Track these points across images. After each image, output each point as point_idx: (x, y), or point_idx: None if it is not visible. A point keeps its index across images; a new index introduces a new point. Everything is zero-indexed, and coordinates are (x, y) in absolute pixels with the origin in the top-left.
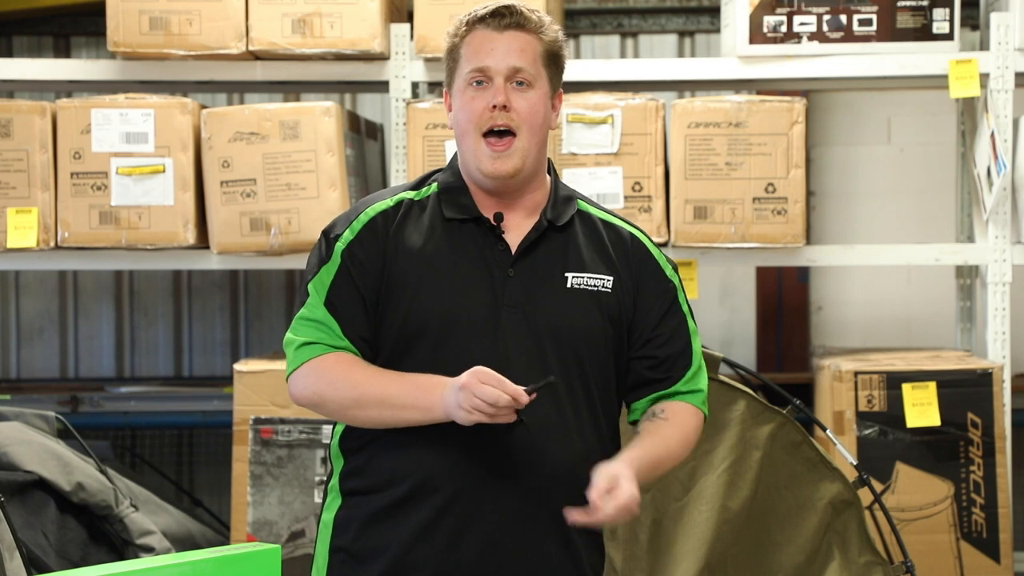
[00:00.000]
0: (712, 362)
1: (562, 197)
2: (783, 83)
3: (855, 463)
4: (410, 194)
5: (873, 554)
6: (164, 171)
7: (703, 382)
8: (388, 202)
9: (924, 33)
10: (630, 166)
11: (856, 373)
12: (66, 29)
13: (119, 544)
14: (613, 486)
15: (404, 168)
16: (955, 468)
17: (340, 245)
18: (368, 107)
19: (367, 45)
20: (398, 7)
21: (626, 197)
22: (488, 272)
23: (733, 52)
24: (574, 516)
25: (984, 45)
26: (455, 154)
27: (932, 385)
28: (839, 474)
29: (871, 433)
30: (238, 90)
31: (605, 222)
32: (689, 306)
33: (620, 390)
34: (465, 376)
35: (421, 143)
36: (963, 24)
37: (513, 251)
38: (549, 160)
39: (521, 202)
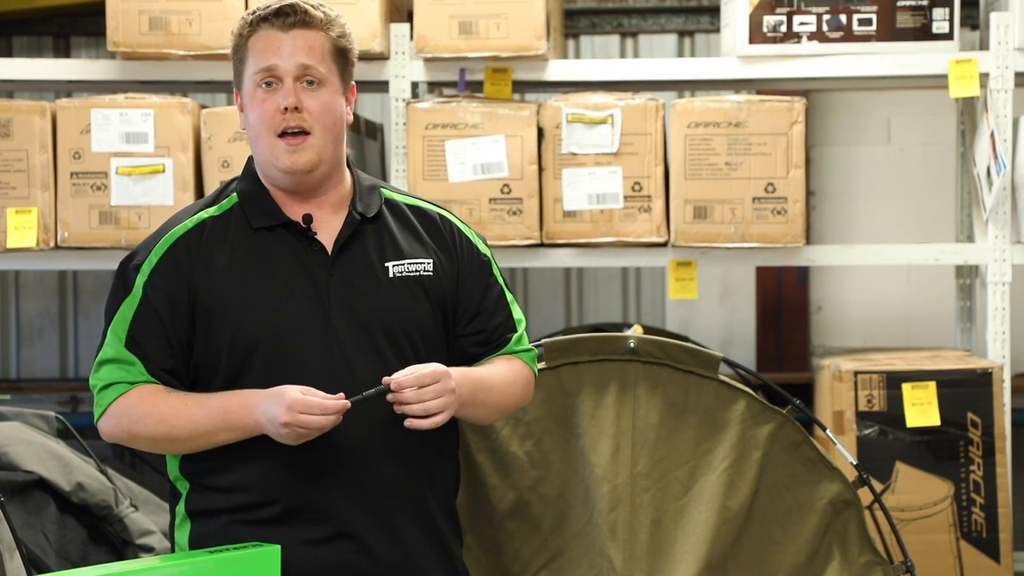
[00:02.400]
0: (711, 362)
1: (366, 188)
2: (783, 83)
3: (855, 463)
4: (210, 211)
5: (873, 554)
6: (164, 171)
7: (527, 342)
8: (187, 224)
9: (924, 33)
10: (630, 166)
11: (856, 373)
12: (66, 29)
13: (119, 544)
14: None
15: (404, 168)
16: (955, 468)
17: (141, 278)
18: (368, 107)
19: (367, 45)
20: (398, 7)
21: (626, 197)
22: (309, 276)
23: (733, 52)
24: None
25: (984, 45)
26: (249, 158)
27: (932, 385)
28: (839, 474)
29: (871, 433)
30: None
31: (412, 207)
32: (503, 276)
33: None
34: (283, 413)
35: (421, 143)
36: (963, 24)
37: (329, 250)
38: (348, 155)
39: (326, 199)
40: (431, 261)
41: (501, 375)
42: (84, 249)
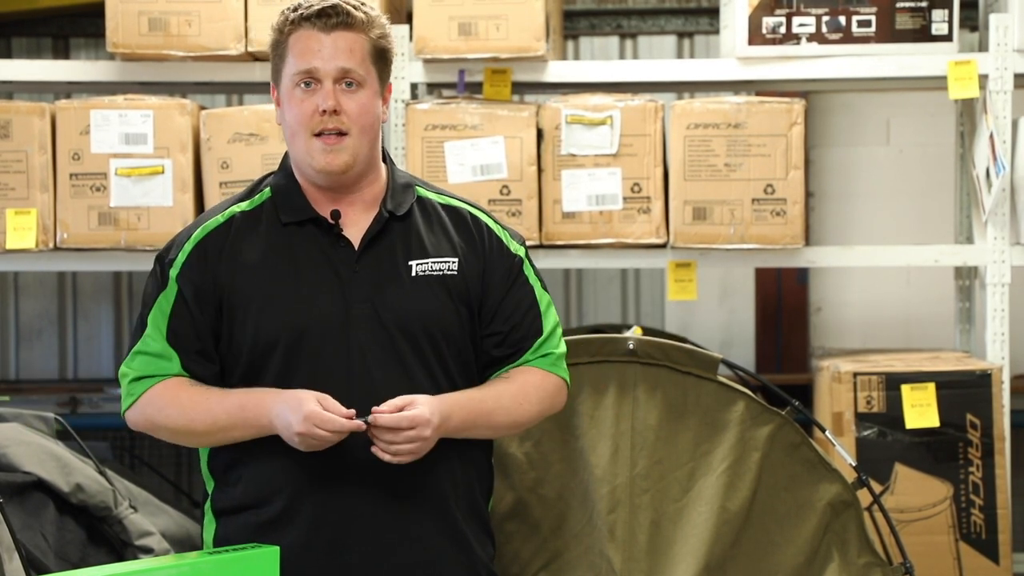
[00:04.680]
0: (711, 363)
1: (400, 185)
2: (782, 84)
3: (854, 464)
4: (242, 205)
5: (872, 555)
6: (163, 172)
7: (554, 346)
8: (219, 219)
9: (923, 34)
10: (629, 167)
11: (855, 374)
12: (65, 30)
13: (118, 545)
14: (406, 404)
15: (403, 169)
16: (954, 469)
17: (174, 271)
18: None
19: None
20: (397, 8)
21: (625, 198)
22: (333, 272)
23: (732, 53)
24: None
25: (983, 46)
26: (286, 154)
27: (931, 386)
28: (838, 475)
29: (870, 434)
30: (237, 91)
31: (445, 205)
32: (539, 276)
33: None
34: (299, 423)
35: (420, 144)
36: (962, 25)
37: (356, 247)
38: (384, 149)
39: (359, 196)
40: (456, 260)
41: (508, 395)
42: (83, 250)
